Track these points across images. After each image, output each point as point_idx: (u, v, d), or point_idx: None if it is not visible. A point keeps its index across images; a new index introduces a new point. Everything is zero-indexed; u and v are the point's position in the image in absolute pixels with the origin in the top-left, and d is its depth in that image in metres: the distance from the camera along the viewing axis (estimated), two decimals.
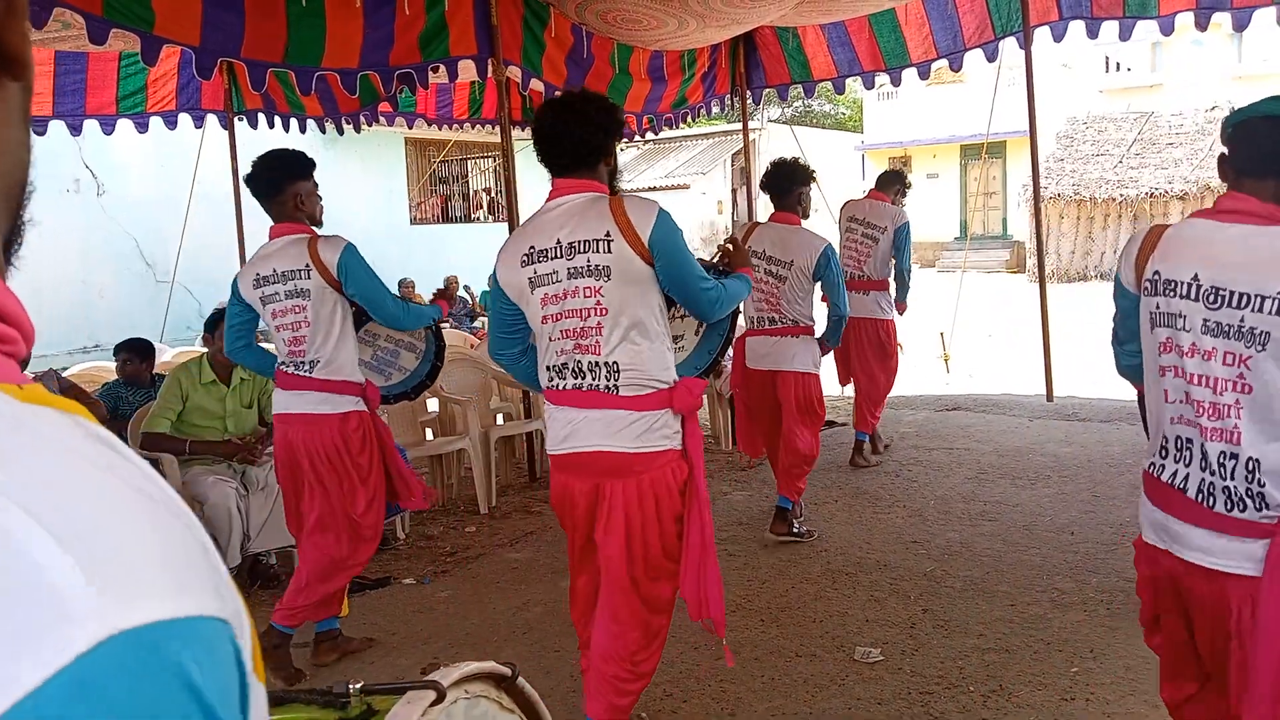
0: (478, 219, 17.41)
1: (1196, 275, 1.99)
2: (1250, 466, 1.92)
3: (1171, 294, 2.04)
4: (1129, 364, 2.33)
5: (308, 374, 3.59)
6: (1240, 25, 7.01)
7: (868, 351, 6.34)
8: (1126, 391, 8.36)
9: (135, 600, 0.39)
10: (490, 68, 6.26)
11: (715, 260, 3.30)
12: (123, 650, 0.38)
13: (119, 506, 0.43)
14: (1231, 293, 1.94)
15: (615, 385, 2.69)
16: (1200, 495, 1.99)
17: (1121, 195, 20.50)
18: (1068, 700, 3.15)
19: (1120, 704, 3.10)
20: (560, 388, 2.76)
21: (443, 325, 4.35)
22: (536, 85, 6.99)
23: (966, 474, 6.00)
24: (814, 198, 5.31)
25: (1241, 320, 1.92)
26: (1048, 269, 9.68)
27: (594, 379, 2.70)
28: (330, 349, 3.59)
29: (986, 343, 12.32)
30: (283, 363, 3.67)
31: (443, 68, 6.27)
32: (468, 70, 6.56)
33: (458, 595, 4.49)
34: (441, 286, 5.87)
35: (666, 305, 2.81)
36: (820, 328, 5.00)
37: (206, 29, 5.59)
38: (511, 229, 6.43)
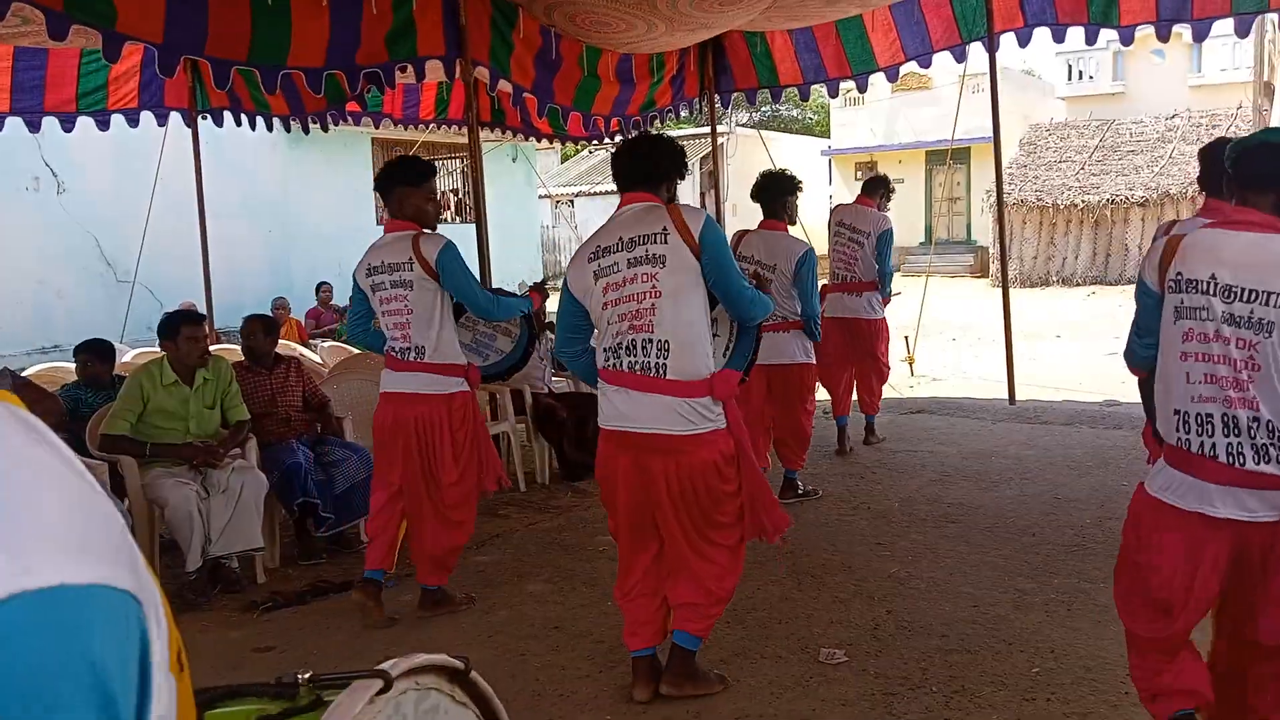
0: (444, 220, 17.32)
1: (1214, 275, 2.38)
2: (1270, 427, 2.32)
3: (1193, 291, 2.42)
4: (1146, 355, 2.67)
5: (417, 359, 3.98)
6: (1200, 36, 7.15)
7: (863, 346, 6.75)
8: (1087, 395, 8.47)
9: (42, 564, 0.40)
10: (458, 68, 6.23)
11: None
12: (24, 609, 0.38)
13: (32, 479, 0.43)
14: (1243, 289, 2.33)
15: (664, 365, 3.10)
16: (1230, 458, 2.36)
17: (1083, 202, 20.77)
18: (1029, 700, 3.19)
19: (1081, 703, 3.14)
20: (615, 367, 3.18)
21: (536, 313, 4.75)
22: (505, 86, 6.97)
23: (931, 476, 6.05)
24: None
25: (1251, 312, 2.32)
26: (1011, 274, 9.81)
27: (646, 357, 3.12)
28: (434, 336, 3.97)
29: (950, 346, 12.44)
30: (391, 348, 4.04)
31: (410, 67, 6.23)
32: (435, 70, 6.53)
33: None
34: (540, 279, 6.01)
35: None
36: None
37: (170, 26, 5.52)
38: (480, 230, 6.42)
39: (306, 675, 1.36)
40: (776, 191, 5.50)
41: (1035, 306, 16.32)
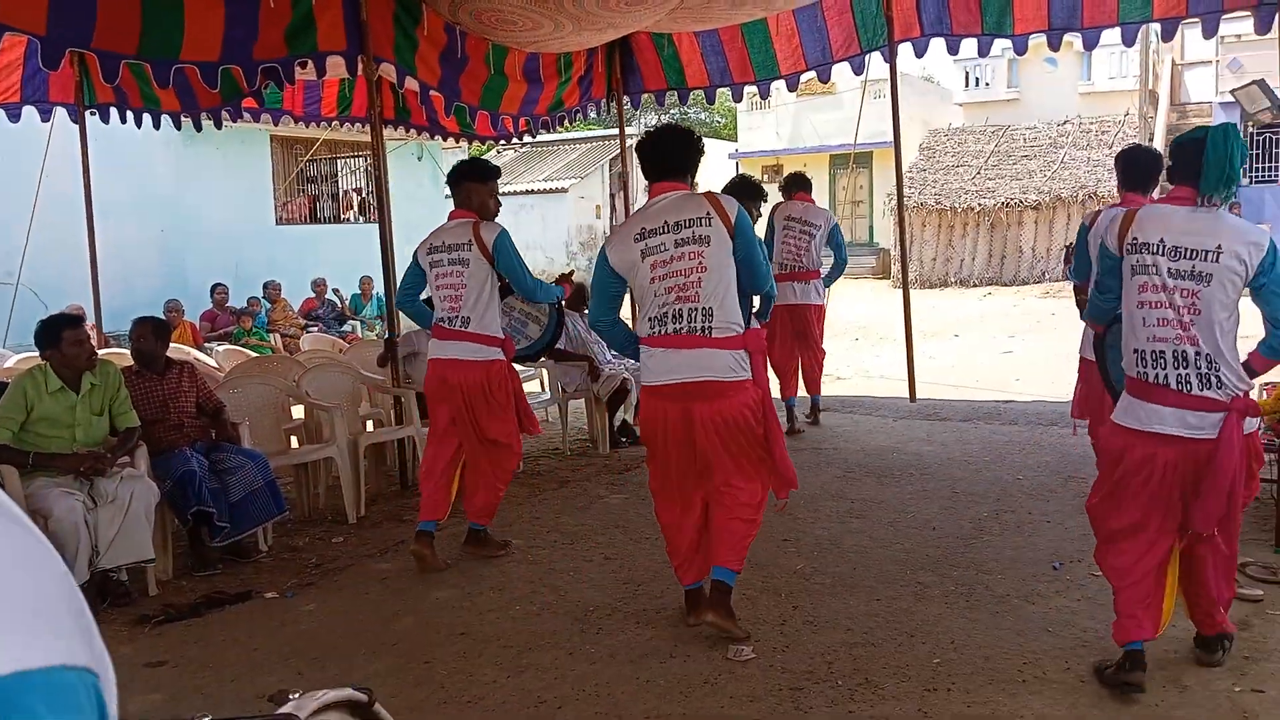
0: (348, 220, 16.97)
1: (1162, 239, 3.08)
2: (1209, 359, 3.02)
3: (1145, 252, 3.10)
4: (1107, 308, 3.37)
5: (462, 329, 4.56)
6: (1090, 44, 7.43)
7: (813, 330, 7.27)
8: (984, 392, 8.72)
9: None
10: (360, 64, 6.10)
11: None
12: None
13: None
14: (1186, 249, 3.04)
15: (709, 328, 3.59)
16: (1180, 385, 3.05)
17: (980, 205, 21.40)
18: (931, 691, 3.26)
19: (980, 692, 3.22)
20: (661, 333, 3.65)
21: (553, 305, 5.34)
22: (412, 84, 6.86)
23: (835, 473, 6.16)
24: None
25: (1192, 267, 3.03)
26: (911, 275, 10.05)
27: (691, 322, 3.60)
28: (481, 309, 4.56)
29: (853, 346, 12.69)
30: (440, 318, 4.64)
31: (310, 63, 6.08)
32: (337, 66, 6.39)
33: (323, 608, 4.34)
34: (565, 271, 6.54)
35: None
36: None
37: (53, 16, 5.28)
38: (383, 229, 6.29)
39: (205, 719, 1.29)
40: (740, 194, 5.74)
41: (934, 307, 16.75)
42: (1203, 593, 3.24)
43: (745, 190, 5.95)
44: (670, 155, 3.80)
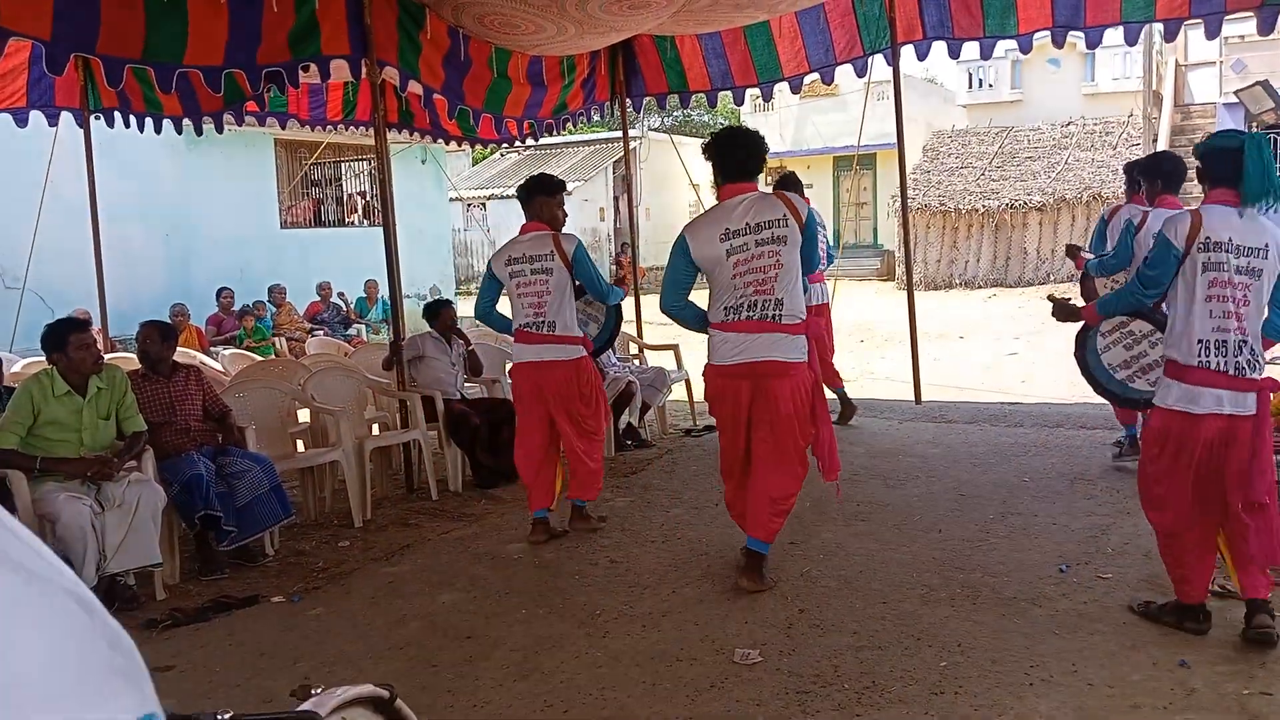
0: (352, 223, 16.99)
1: (1231, 238, 3.41)
2: (1251, 346, 3.43)
3: (1219, 250, 3.41)
4: (1149, 301, 3.65)
5: (550, 332, 4.97)
6: (1092, 43, 7.43)
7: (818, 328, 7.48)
8: (989, 394, 8.72)
9: None
10: (364, 68, 6.11)
11: None
12: None
13: (34, 625, 0.38)
14: (1248, 247, 3.41)
15: (779, 315, 4.07)
16: (1236, 370, 3.42)
17: (984, 206, 21.37)
18: (937, 694, 3.25)
19: (987, 695, 3.22)
20: (735, 319, 4.11)
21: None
22: (415, 88, 6.86)
23: (840, 475, 6.13)
24: (698, 203, 6.17)
25: (1249, 263, 3.42)
26: (915, 277, 10.03)
27: (764, 311, 4.07)
28: (566, 313, 5.00)
29: (858, 348, 12.68)
30: (525, 324, 5.01)
31: (314, 67, 6.09)
32: (340, 70, 6.39)
33: (329, 612, 4.35)
34: (621, 275, 6.66)
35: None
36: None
37: (58, 22, 5.30)
38: (387, 233, 6.29)
39: (228, 715, 1.29)
40: (795, 188, 6.48)
41: (939, 309, 16.74)
42: (1258, 556, 3.51)
43: (794, 184, 6.44)
44: (743, 158, 4.17)
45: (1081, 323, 4.17)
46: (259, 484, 4.97)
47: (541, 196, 5.09)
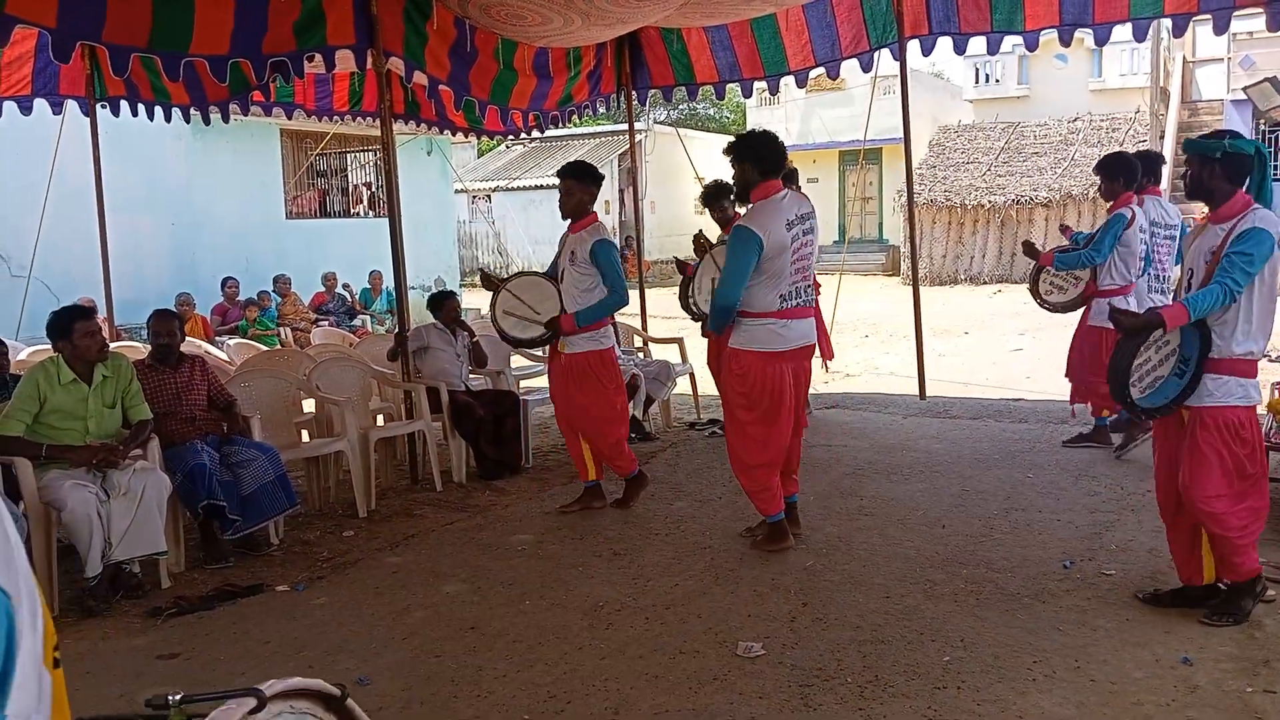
0: (357, 214, 16.98)
1: None
2: None
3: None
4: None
5: (810, 305, 4.91)
6: (1101, 40, 7.39)
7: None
8: (994, 390, 8.68)
9: None
10: (370, 59, 6.10)
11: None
12: None
13: None
14: None
15: (812, 300, 4.68)
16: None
17: (990, 202, 21.33)
18: (940, 689, 3.25)
19: (990, 690, 3.22)
20: (790, 306, 4.49)
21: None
22: (421, 78, 6.85)
23: (844, 470, 6.15)
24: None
25: None
26: (921, 272, 10.03)
27: (805, 297, 4.56)
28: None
29: (863, 343, 12.67)
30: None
31: (319, 57, 6.08)
32: (346, 60, 6.39)
33: (333, 601, 4.36)
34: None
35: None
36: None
37: (64, 9, 5.29)
38: (393, 224, 6.28)
39: (178, 696, 1.34)
40: (711, 197, 6.98)
41: (944, 304, 16.71)
42: None
43: (793, 179, 6.48)
44: (780, 156, 4.54)
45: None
46: (264, 473, 4.98)
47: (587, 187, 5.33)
